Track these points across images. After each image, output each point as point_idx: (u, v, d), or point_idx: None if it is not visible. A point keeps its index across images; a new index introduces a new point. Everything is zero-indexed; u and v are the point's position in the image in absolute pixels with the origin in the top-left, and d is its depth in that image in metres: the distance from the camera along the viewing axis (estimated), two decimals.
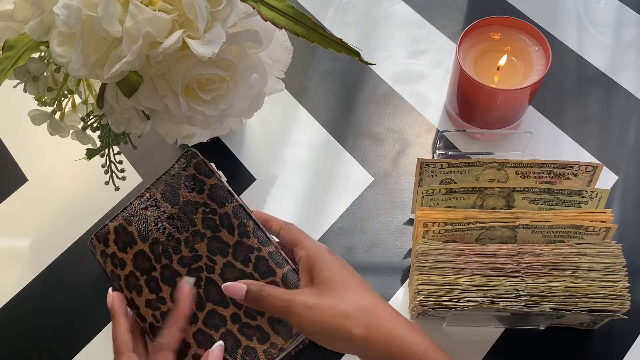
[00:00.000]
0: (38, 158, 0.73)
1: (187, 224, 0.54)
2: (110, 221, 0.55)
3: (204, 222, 0.54)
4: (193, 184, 0.55)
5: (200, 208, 0.54)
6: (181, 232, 0.54)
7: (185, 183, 0.55)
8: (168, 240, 0.54)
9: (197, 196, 0.54)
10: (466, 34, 0.65)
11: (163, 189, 0.55)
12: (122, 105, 0.48)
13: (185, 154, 0.56)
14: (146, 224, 0.54)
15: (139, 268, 0.54)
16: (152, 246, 0.54)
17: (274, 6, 0.48)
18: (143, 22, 0.42)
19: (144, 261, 0.54)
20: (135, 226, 0.54)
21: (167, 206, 0.54)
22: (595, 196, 0.57)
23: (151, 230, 0.54)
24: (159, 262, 0.53)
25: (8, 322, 0.64)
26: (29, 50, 0.48)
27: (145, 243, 0.54)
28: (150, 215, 0.54)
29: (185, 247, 0.53)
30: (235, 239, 0.53)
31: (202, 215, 0.54)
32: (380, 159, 0.71)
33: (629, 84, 0.75)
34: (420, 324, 0.61)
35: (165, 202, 0.55)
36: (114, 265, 0.54)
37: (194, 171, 0.55)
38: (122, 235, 0.54)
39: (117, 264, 0.54)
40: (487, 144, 0.71)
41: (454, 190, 0.58)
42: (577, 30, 0.80)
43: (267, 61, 0.56)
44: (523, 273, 0.54)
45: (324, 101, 0.75)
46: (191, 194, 0.54)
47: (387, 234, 0.66)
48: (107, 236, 0.55)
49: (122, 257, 0.54)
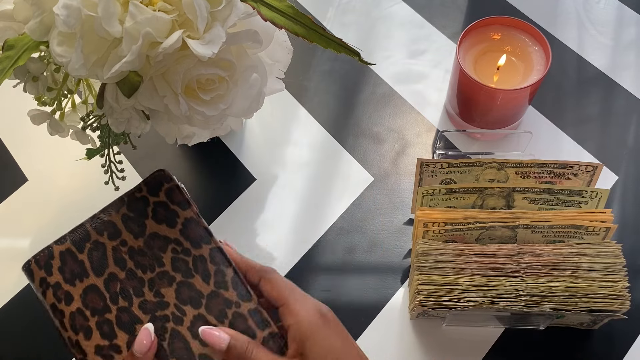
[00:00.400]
0: (38, 158, 0.73)
1: (154, 263, 0.45)
2: (55, 243, 0.46)
3: (174, 262, 0.45)
4: (163, 215, 0.46)
5: (170, 245, 0.46)
6: (145, 270, 0.45)
7: (153, 211, 0.46)
8: (128, 279, 0.45)
9: (168, 230, 0.46)
10: (466, 34, 0.65)
11: (125, 214, 0.46)
12: (122, 105, 0.48)
13: (155, 174, 0.47)
14: (101, 254, 0.45)
15: (90, 307, 0.44)
16: (107, 282, 0.45)
17: (274, 6, 0.48)
18: (143, 22, 0.42)
19: (97, 299, 0.44)
20: (88, 254, 0.45)
21: (129, 236, 0.46)
22: (595, 196, 0.57)
23: (107, 263, 0.45)
24: (116, 303, 0.44)
25: (8, 322, 0.64)
26: (28, 50, 0.48)
27: (99, 277, 0.45)
28: (107, 244, 0.46)
29: (149, 290, 0.45)
30: (210, 289, 0.45)
31: (173, 254, 0.46)
32: (380, 159, 0.71)
33: (629, 84, 0.75)
34: (420, 324, 0.61)
35: (127, 230, 0.46)
36: (56, 298, 0.44)
37: (166, 198, 0.47)
38: (69, 263, 0.45)
39: (62, 298, 0.44)
40: (487, 144, 0.71)
41: (454, 190, 0.58)
42: (577, 30, 0.80)
43: (267, 61, 0.56)
44: (523, 273, 0.54)
45: (324, 101, 0.75)
46: (160, 226, 0.46)
47: (387, 234, 0.66)
48: (51, 262, 0.45)
49: (68, 290, 0.44)
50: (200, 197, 0.70)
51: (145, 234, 0.46)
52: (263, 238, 0.67)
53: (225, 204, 0.69)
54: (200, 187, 0.71)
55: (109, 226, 0.46)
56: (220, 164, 0.71)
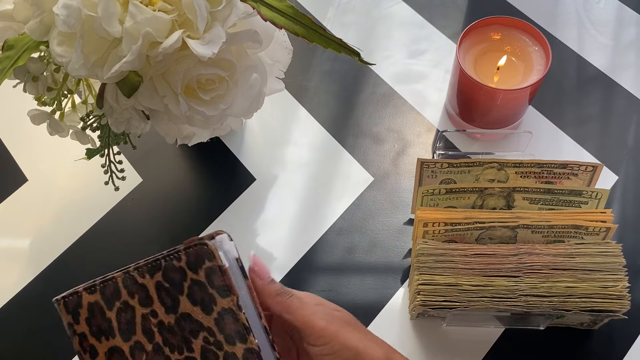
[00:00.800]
0: (38, 158, 0.73)
1: (182, 345, 0.41)
2: (86, 291, 0.42)
3: (204, 353, 0.41)
4: (200, 297, 0.41)
5: (202, 333, 0.41)
6: (173, 350, 0.41)
7: (190, 289, 0.41)
8: (155, 353, 0.41)
9: (202, 315, 0.41)
10: (466, 34, 0.65)
11: (159, 282, 0.41)
12: (122, 105, 0.48)
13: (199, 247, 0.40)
14: (130, 319, 0.42)
15: None
16: (133, 350, 0.42)
17: (274, 6, 0.48)
18: (143, 22, 0.42)
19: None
20: (116, 314, 0.42)
21: (161, 309, 0.41)
22: (596, 196, 0.57)
23: (135, 330, 0.41)
24: None
25: (8, 322, 0.64)
26: (28, 50, 0.48)
27: (126, 343, 0.42)
28: (137, 309, 0.41)
29: None
30: None
31: (204, 342, 0.41)
32: (380, 159, 0.71)
33: (629, 84, 0.75)
34: (420, 324, 0.61)
35: (160, 301, 0.41)
36: (82, 348, 0.42)
37: (205, 279, 0.40)
38: (97, 317, 0.42)
39: (87, 349, 0.42)
40: (487, 144, 0.71)
41: (454, 190, 0.58)
42: (577, 30, 0.80)
43: (267, 61, 0.56)
44: (523, 273, 0.54)
45: (324, 101, 0.75)
46: (195, 308, 0.41)
47: (387, 234, 0.66)
48: (78, 310, 0.42)
49: (93, 344, 0.42)
50: (200, 197, 0.70)
51: (178, 311, 0.41)
52: (263, 238, 0.67)
53: (225, 204, 0.69)
54: (200, 187, 0.71)
55: (141, 290, 0.42)
56: (220, 164, 0.71)
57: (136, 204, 0.69)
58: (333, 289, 0.64)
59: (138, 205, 0.69)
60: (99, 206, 0.69)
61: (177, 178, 0.71)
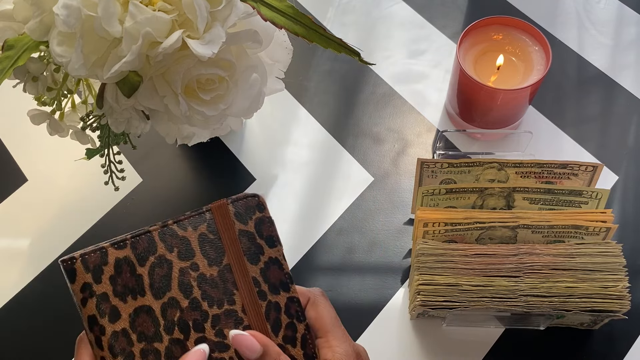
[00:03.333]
0: (38, 158, 0.73)
1: (223, 298, 0.40)
2: (113, 246, 0.39)
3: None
4: (247, 247, 0.41)
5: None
6: (212, 304, 0.39)
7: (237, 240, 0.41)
8: (191, 309, 0.39)
9: (248, 265, 0.41)
10: (466, 34, 0.65)
11: (203, 234, 0.40)
12: (122, 105, 0.48)
13: (248, 198, 0.42)
14: (165, 274, 0.39)
15: (138, 330, 0.38)
16: (165, 308, 0.39)
17: (274, 6, 0.48)
18: (143, 22, 0.42)
19: (149, 324, 0.38)
20: (149, 270, 0.39)
21: (203, 262, 0.40)
22: (596, 196, 0.57)
23: (171, 285, 0.39)
24: (170, 333, 0.39)
25: (8, 322, 0.64)
26: (28, 50, 0.48)
27: (158, 300, 0.39)
28: (175, 263, 0.39)
29: (211, 327, 0.39)
30: (278, 342, 0.40)
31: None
32: (380, 159, 0.71)
33: (629, 84, 0.75)
34: (420, 324, 0.61)
35: (202, 254, 0.40)
36: (99, 311, 0.38)
37: (254, 229, 0.41)
38: (125, 274, 0.39)
39: (106, 312, 0.38)
40: (487, 144, 0.71)
41: (454, 190, 0.58)
42: (577, 30, 0.80)
43: (267, 61, 0.56)
44: (523, 273, 0.54)
45: (324, 101, 0.75)
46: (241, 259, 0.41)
47: (387, 234, 0.66)
48: (102, 267, 0.38)
49: (116, 305, 0.38)
50: (201, 197, 0.70)
51: (221, 263, 0.40)
52: None
53: None
54: (200, 187, 0.71)
55: (182, 243, 0.40)
56: (220, 164, 0.71)
57: (136, 204, 0.69)
58: (333, 289, 0.64)
59: (138, 205, 0.69)
60: (99, 206, 0.69)
61: (177, 178, 0.71)
